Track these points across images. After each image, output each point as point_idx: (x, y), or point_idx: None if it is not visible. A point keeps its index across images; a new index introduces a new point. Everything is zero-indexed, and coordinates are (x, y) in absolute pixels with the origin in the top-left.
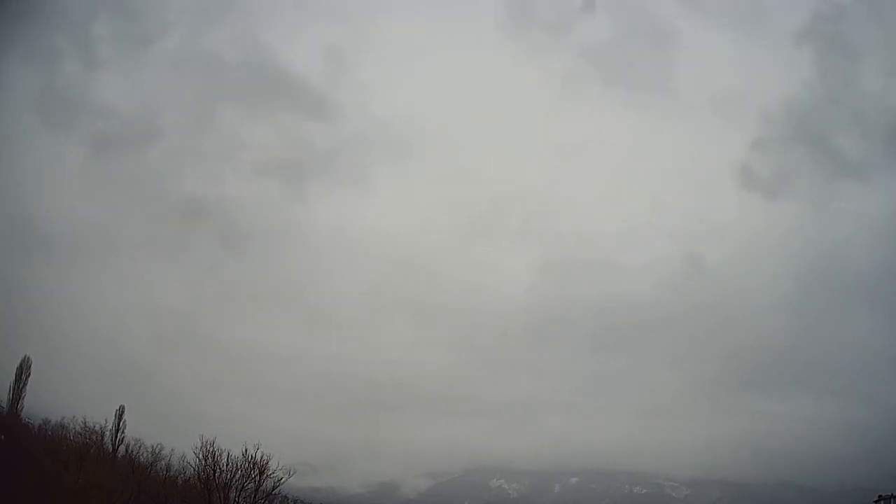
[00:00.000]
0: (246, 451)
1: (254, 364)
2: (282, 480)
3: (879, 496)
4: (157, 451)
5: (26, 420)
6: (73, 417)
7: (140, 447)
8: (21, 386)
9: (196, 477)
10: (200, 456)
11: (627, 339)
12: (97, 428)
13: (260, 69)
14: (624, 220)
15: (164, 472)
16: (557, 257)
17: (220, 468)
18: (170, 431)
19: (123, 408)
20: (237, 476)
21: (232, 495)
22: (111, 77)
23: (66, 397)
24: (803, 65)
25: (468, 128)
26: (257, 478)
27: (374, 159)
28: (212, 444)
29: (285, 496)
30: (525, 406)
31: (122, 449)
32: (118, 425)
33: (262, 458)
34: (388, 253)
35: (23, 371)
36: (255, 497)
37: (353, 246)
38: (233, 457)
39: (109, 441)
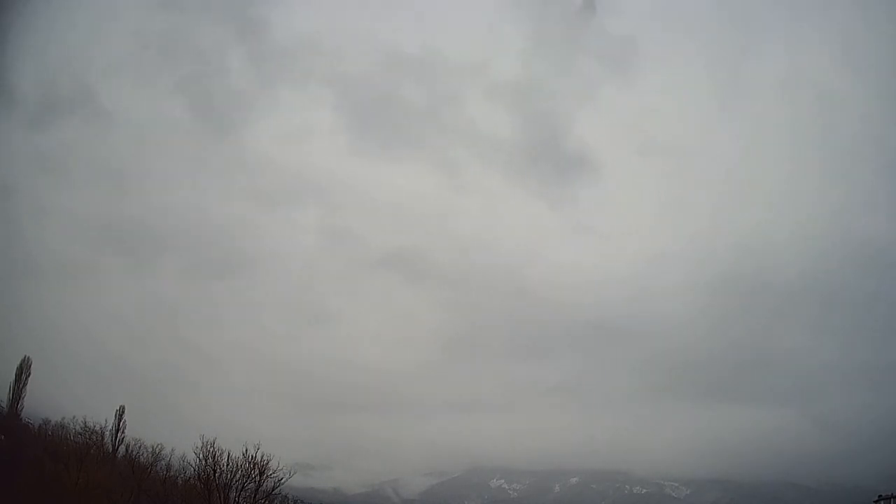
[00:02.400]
0: (246, 451)
1: (251, 366)
2: (282, 480)
3: (879, 496)
4: (157, 451)
5: (26, 420)
6: (73, 417)
7: (140, 447)
8: (21, 386)
9: (196, 477)
10: (200, 456)
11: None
12: (97, 428)
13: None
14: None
15: (164, 472)
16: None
17: (220, 468)
18: (170, 431)
19: (123, 408)
20: (237, 476)
21: (232, 495)
22: None
23: (66, 397)
24: None
25: None
26: (258, 478)
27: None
28: (212, 445)
29: (285, 496)
30: (467, 408)
31: (122, 449)
32: (118, 425)
33: (262, 458)
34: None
35: (23, 371)
36: (255, 497)
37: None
38: (233, 457)
39: (109, 441)
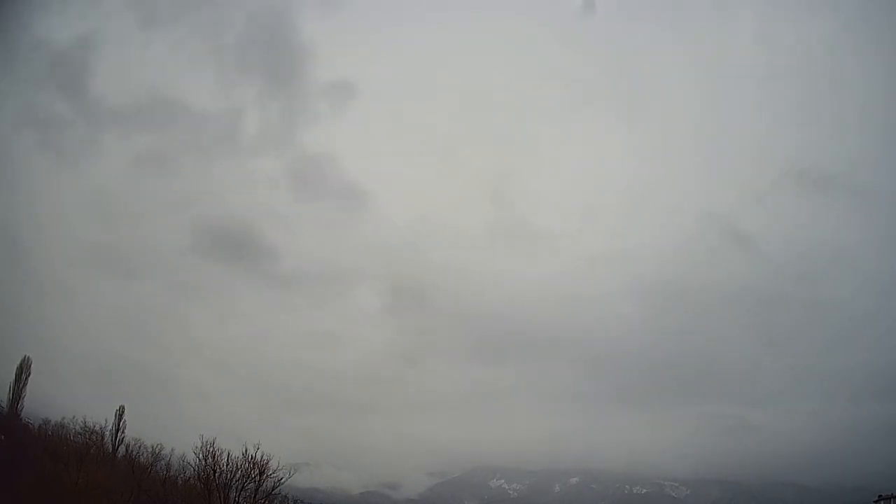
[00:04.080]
0: (246, 451)
1: (250, 367)
2: (282, 480)
3: (879, 496)
4: (157, 451)
5: (26, 420)
6: (73, 417)
7: (140, 447)
8: (21, 386)
9: (196, 477)
10: (200, 456)
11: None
12: (97, 428)
13: None
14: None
15: (164, 472)
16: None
17: (220, 468)
18: (170, 431)
19: (123, 408)
20: (237, 476)
21: (232, 495)
22: None
23: (66, 397)
24: None
25: None
26: (257, 478)
27: None
28: (212, 444)
29: (285, 496)
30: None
31: (122, 449)
32: (118, 425)
33: (262, 458)
34: None
35: (23, 371)
36: (255, 497)
37: None
38: (233, 457)
39: (109, 441)
